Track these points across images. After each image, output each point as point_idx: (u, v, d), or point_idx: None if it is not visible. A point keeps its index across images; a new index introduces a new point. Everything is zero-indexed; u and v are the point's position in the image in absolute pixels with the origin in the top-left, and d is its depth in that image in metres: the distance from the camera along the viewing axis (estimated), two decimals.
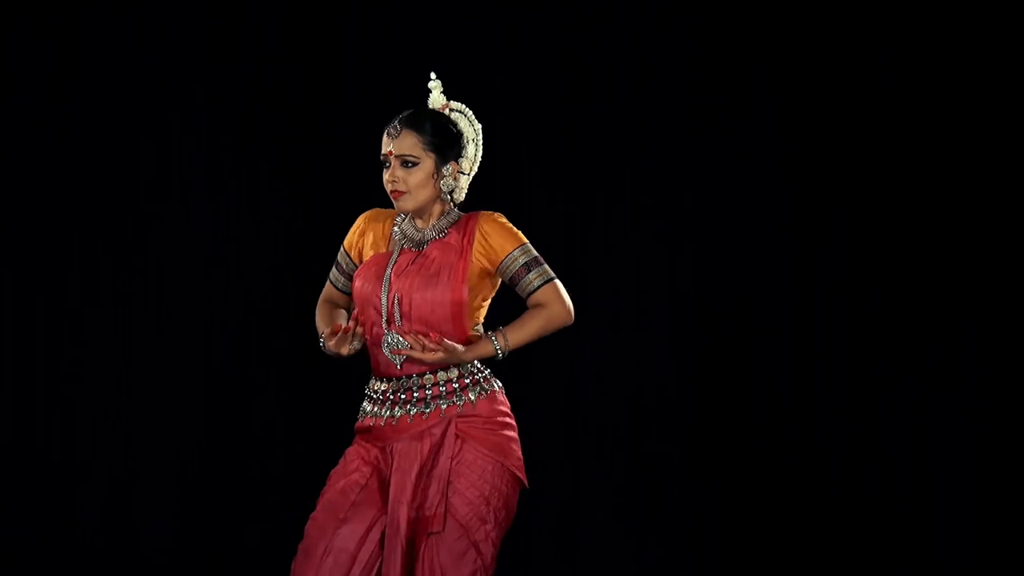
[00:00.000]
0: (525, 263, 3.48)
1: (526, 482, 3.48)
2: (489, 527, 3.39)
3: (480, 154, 3.57)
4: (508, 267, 3.47)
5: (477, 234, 3.47)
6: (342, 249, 3.61)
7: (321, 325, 3.59)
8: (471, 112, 3.56)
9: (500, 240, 3.47)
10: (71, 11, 5.20)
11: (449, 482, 3.39)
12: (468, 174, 3.54)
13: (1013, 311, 5.09)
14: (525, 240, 3.50)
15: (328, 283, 3.65)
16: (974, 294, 5.11)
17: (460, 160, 3.52)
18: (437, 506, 3.37)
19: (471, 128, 3.55)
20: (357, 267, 3.57)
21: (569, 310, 3.49)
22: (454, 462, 3.40)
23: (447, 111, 3.54)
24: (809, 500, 5.20)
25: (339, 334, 3.43)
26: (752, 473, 5.22)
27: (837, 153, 5.19)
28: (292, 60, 5.28)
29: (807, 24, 5.19)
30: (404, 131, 3.47)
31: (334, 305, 3.63)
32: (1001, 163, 5.11)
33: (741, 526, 5.23)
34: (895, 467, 5.15)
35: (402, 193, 3.46)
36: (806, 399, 5.20)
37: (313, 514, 3.44)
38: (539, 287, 3.48)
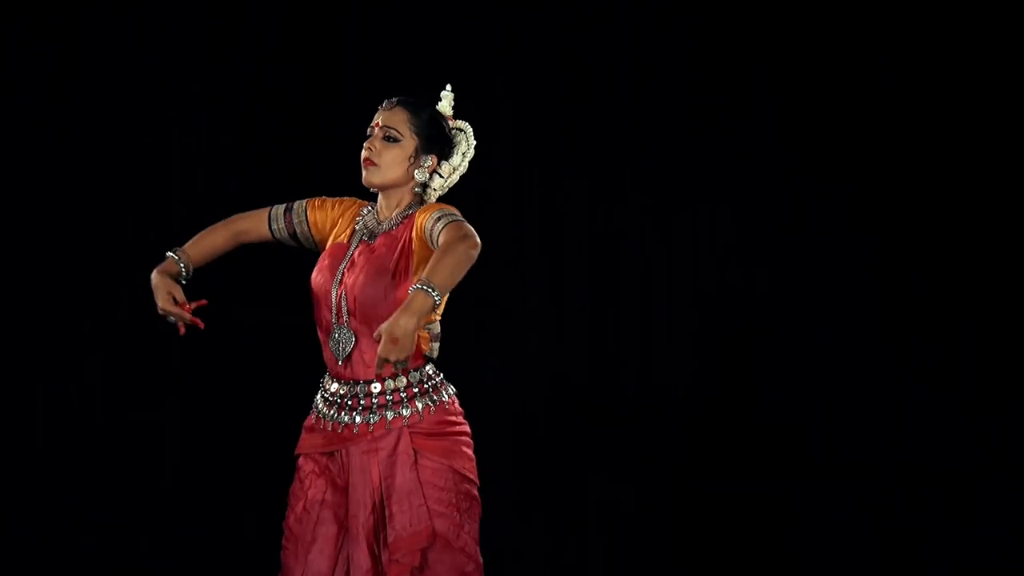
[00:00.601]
0: (439, 217, 3.31)
1: (477, 481, 3.44)
2: (466, 529, 3.39)
3: (463, 169, 3.50)
4: (430, 229, 3.31)
5: (415, 222, 3.38)
6: (305, 202, 3.55)
7: (201, 243, 3.56)
8: (471, 132, 3.53)
9: (427, 213, 3.35)
10: (71, 11, 5.20)
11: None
12: (445, 178, 3.49)
13: (1013, 311, 5.09)
14: (450, 207, 3.37)
15: (264, 211, 3.56)
16: (974, 294, 5.11)
17: (442, 161, 3.48)
18: (421, 520, 3.35)
19: (466, 143, 3.50)
20: (309, 232, 3.52)
21: (468, 231, 3.24)
22: (420, 478, 3.38)
23: (450, 121, 3.53)
24: (809, 500, 5.19)
25: (179, 308, 3.42)
26: (751, 473, 5.22)
27: (837, 153, 5.19)
28: (292, 60, 5.28)
29: (807, 24, 5.19)
30: (398, 107, 3.45)
31: (235, 239, 3.56)
32: (1001, 163, 5.11)
33: (741, 526, 5.23)
34: (895, 467, 5.15)
35: (373, 164, 3.42)
36: (806, 399, 5.20)
37: (283, 541, 3.46)
38: (443, 228, 3.27)
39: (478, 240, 3.24)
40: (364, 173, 3.43)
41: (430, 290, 3.10)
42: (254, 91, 5.27)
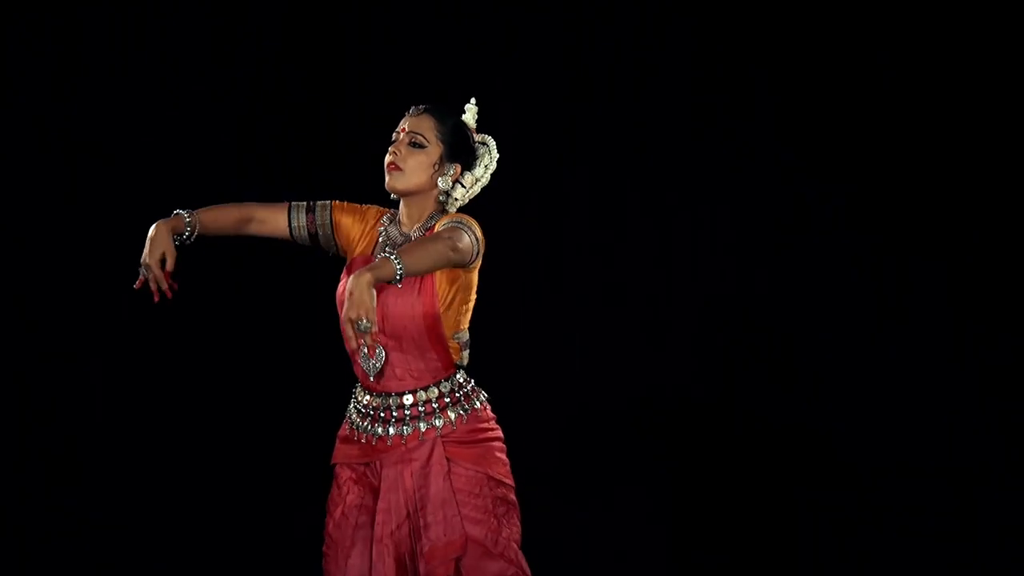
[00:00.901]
0: (447, 223, 3.32)
1: (513, 485, 3.45)
2: (505, 534, 3.40)
3: (485, 181, 3.50)
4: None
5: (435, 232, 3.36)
6: (329, 204, 3.49)
7: (213, 213, 3.42)
8: (495, 145, 3.52)
9: (444, 221, 3.35)
10: (71, 11, 5.20)
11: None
12: (467, 188, 3.48)
13: (1013, 311, 5.09)
14: (467, 216, 3.36)
15: (281, 205, 3.49)
16: (974, 294, 5.11)
17: (465, 171, 3.47)
18: (455, 530, 3.35)
19: (488, 156, 3.50)
20: (333, 235, 3.48)
21: (456, 235, 3.23)
22: (453, 487, 3.38)
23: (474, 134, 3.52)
24: (809, 499, 5.20)
25: (162, 273, 3.33)
26: (750, 473, 5.22)
27: (837, 153, 5.19)
28: (292, 60, 5.28)
29: (807, 24, 5.19)
30: (425, 114, 3.43)
31: (245, 225, 3.47)
32: (1001, 163, 5.11)
33: (741, 526, 5.23)
34: (895, 467, 5.15)
35: (397, 169, 3.39)
36: (806, 399, 5.20)
37: (324, 548, 3.46)
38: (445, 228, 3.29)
39: (460, 246, 3.24)
40: (388, 178, 3.42)
41: (395, 260, 3.08)
42: (254, 91, 5.27)
